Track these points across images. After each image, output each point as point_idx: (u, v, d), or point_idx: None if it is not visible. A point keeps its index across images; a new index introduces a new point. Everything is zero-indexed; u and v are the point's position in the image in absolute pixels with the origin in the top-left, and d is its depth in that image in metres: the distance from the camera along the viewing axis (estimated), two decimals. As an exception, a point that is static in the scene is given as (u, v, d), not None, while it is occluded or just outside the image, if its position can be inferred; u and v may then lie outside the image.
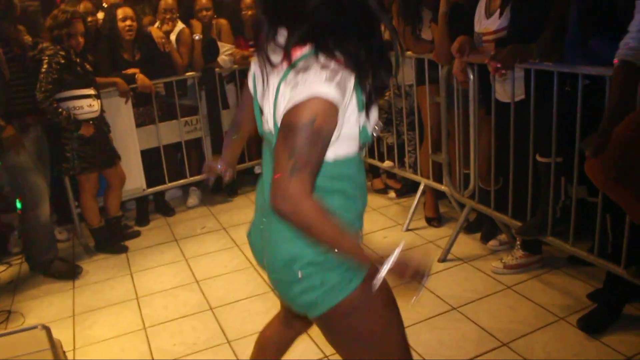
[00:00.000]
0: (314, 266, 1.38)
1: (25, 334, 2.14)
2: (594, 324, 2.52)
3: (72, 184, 3.88)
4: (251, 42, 4.64)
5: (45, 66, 3.34)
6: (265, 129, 1.43)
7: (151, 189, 4.41)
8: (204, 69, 4.41)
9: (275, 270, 1.47)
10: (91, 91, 3.57)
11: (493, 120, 2.99)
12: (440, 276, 3.17)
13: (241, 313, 2.98)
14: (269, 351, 1.91)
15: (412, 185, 4.20)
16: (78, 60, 3.53)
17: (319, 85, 1.22)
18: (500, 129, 2.96)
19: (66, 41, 3.43)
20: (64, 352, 2.31)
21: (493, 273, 3.12)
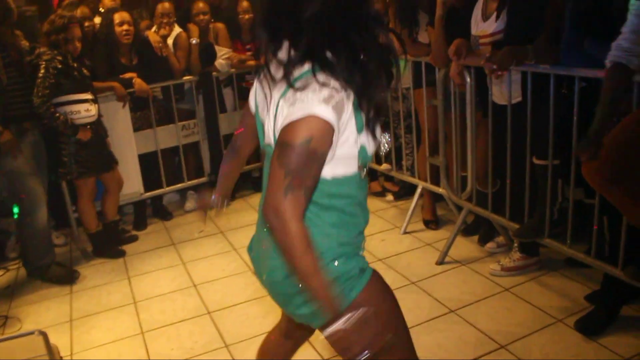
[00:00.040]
0: None
1: (22, 340, 2.14)
2: (592, 325, 2.52)
3: (70, 189, 3.88)
4: (248, 46, 4.65)
5: (42, 71, 3.34)
6: (266, 143, 1.43)
7: (149, 193, 4.41)
8: (201, 73, 4.41)
9: (276, 281, 1.46)
10: (88, 96, 3.57)
11: (490, 123, 3.00)
12: (438, 279, 3.17)
13: (239, 317, 2.97)
14: None
15: (410, 187, 4.20)
16: (75, 65, 3.53)
17: (317, 105, 1.22)
18: (498, 131, 2.96)
19: (63, 46, 3.43)
20: (61, 358, 2.32)
21: (491, 275, 3.12)
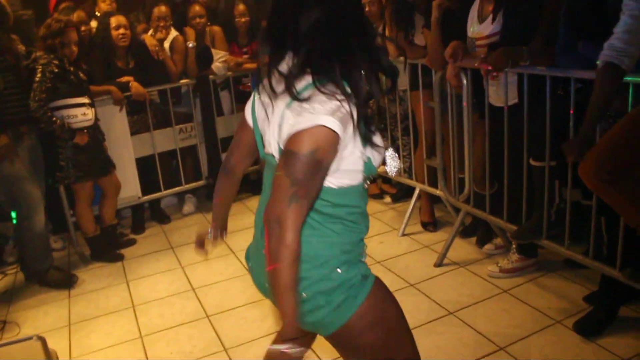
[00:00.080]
0: (317, 286, 1.38)
1: (21, 345, 2.13)
2: (590, 326, 2.52)
3: (67, 193, 3.87)
4: (245, 49, 4.66)
5: (39, 75, 3.34)
6: (267, 152, 1.44)
7: (146, 197, 4.40)
8: (198, 76, 4.41)
9: None
10: (85, 100, 3.57)
11: (487, 125, 3.00)
12: (437, 281, 3.17)
13: (238, 321, 2.97)
14: None
15: (408, 190, 4.21)
16: (72, 69, 3.53)
17: (324, 115, 1.24)
18: (494, 133, 2.97)
19: (60, 50, 3.43)
20: (60, 363, 2.31)
21: (489, 277, 3.12)
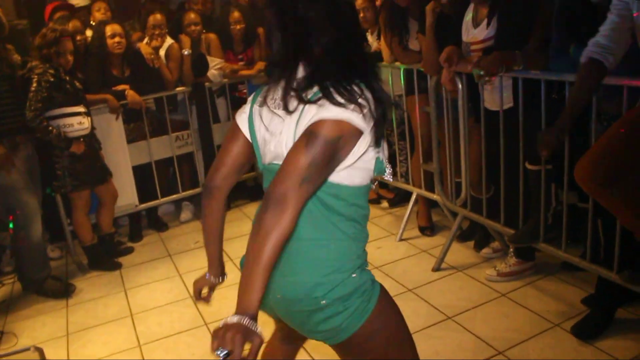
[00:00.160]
0: (336, 292, 1.37)
1: (19, 356, 2.13)
2: (588, 329, 2.52)
3: (64, 202, 3.86)
4: (240, 56, 4.66)
5: (34, 85, 3.34)
6: (269, 162, 1.43)
7: (144, 205, 4.40)
8: (193, 83, 4.41)
9: (296, 299, 1.41)
10: (81, 109, 3.57)
11: (483, 129, 3.01)
12: (435, 285, 3.17)
13: (236, 328, 2.96)
14: None
15: (405, 194, 4.21)
16: (67, 78, 3.53)
17: (348, 111, 1.26)
18: (490, 137, 2.97)
19: (55, 59, 3.43)
20: (58, 373, 2.30)
21: (487, 281, 3.12)
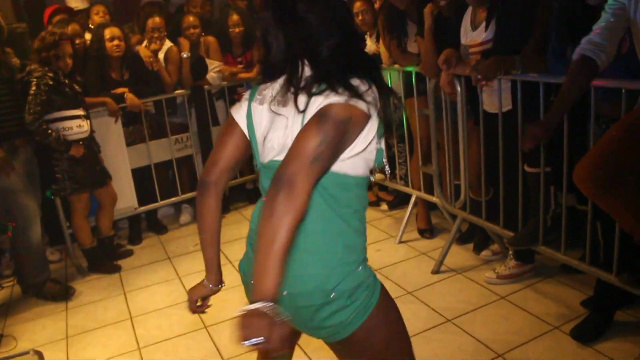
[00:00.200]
0: (344, 284, 1.37)
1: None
2: (587, 332, 2.52)
3: (64, 205, 3.86)
4: (239, 59, 4.67)
5: (33, 88, 3.34)
6: (269, 159, 1.42)
7: (143, 208, 4.40)
8: (193, 86, 4.41)
9: (304, 293, 1.38)
10: (80, 112, 3.58)
11: (482, 131, 3.01)
12: (434, 288, 3.17)
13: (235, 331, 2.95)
14: None
15: (404, 197, 4.21)
16: (66, 81, 3.53)
17: (356, 99, 1.28)
18: (489, 139, 2.97)
19: (54, 63, 3.43)
20: (58, 377, 2.30)
21: (486, 283, 3.12)
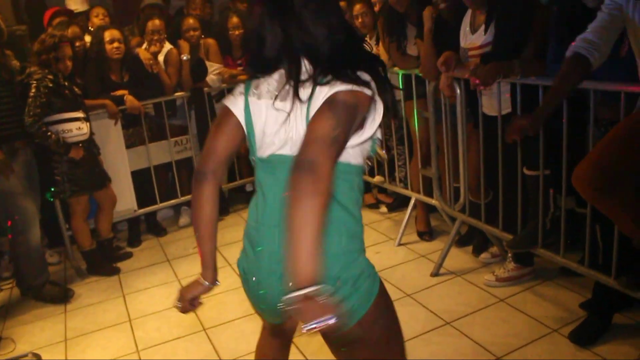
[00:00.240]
0: (349, 270, 1.37)
1: (16, 362, 2.13)
2: (585, 335, 2.52)
3: (63, 207, 3.86)
4: (239, 61, 4.67)
5: (33, 90, 3.34)
6: (270, 152, 1.43)
7: (142, 210, 4.40)
8: (192, 88, 4.42)
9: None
10: (80, 114, 3.58)
11: (481, 134, 3.01)
12: (434, 290, 3.17)
13: (235, 333, 2.96)
14: None
15: (403, 199, 4.22)
16: (66, 83, 3.53)
17: (359, 86, 1.31)
18: (489, 142, 2.97)
19: (54, 65, 3.43)
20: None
21: (486, 286, 3.12)
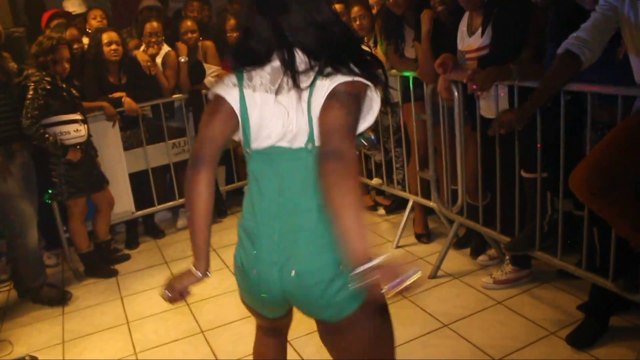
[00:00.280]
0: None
1: (13, 365, 2.13)
2: (583, 338, 2.52)
3: (61, 209, 3.85)
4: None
5: (31, 92, 3.34)
6: (268, 144, 1.44)
7: (140, 212, 4.39)
8: (190, 91, 4.42)
9: (310, 273, 1.41)
10: (78, 116, 3.57)
11: (479, 136, 3.01)
12: (431, 292, 3.17)
13: (232, 336, 2.96)
14: None
15: (401, 201, 4.21)
16: (64, 85, 3.53)
17: (359, 76, 1.36)
18: (487, 144, 2.97)
19: (52, 67, 3.43)
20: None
21: (483, 288, 3.12)
